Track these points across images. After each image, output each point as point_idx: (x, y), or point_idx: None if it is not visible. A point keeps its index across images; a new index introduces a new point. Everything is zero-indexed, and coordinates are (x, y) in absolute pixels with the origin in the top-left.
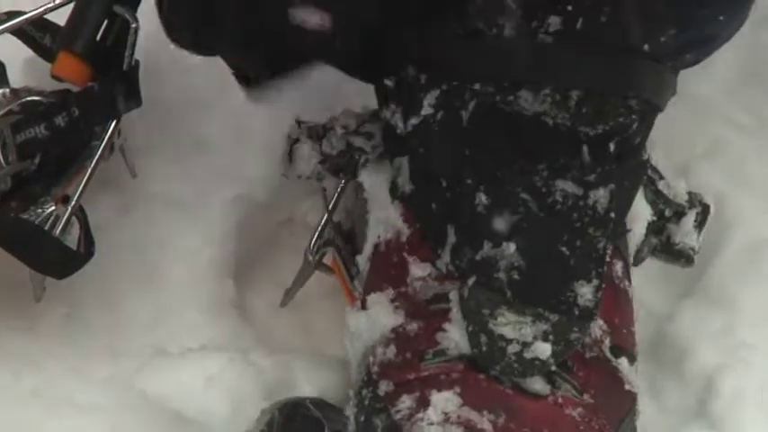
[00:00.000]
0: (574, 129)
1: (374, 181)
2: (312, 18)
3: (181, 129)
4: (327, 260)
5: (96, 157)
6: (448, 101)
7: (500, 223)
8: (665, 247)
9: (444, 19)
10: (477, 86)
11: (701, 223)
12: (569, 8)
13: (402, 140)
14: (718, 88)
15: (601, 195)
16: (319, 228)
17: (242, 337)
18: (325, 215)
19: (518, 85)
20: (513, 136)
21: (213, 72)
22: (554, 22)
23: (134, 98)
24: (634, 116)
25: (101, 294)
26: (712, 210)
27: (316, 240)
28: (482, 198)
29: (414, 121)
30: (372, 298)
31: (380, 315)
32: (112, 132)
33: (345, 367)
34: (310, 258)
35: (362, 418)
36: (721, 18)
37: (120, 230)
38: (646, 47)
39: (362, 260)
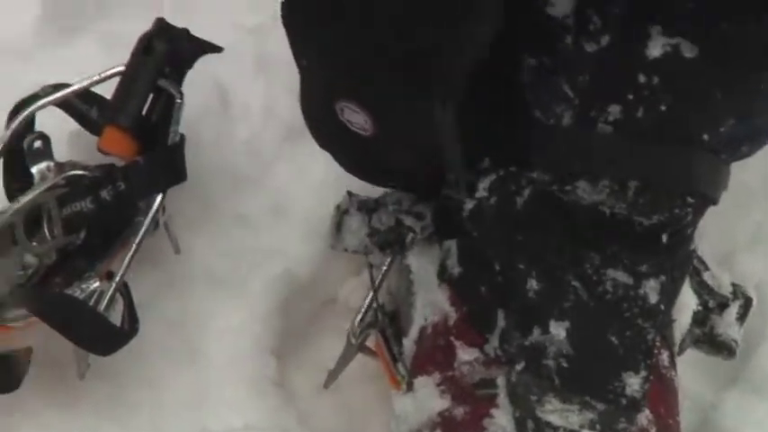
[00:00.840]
0: (629, 218)
1: (421, 263)
2: (356, 119)
3: (224, 205)
4: (370, 342)
5: (141, 232)
6: (504, 186)
7: (550, 310)
8: (707, 338)
9: (505, 107)
10: (534, 174)
11: (743, 316)
12: (629, 97)
13: (453, 223)
14: (759, 176)
15: (651, 286)
16: (363, 309)
17: (283, 417)
18: (370, 295)
19: (576, 175)
20: (567, 223)
21: (256, 148)
22: (614, 111)
23: (179, 173)
24: (689, 208)
25: (144, 371)
26: (755, 301)
27: (359, 322)
28: (533, 284)
29: (469, 204)
30: (419, 381)
31: (427, 399)
32: (157, 208)
33: None
34: (353, 340)
35: None
36: None
37: (164, 307)
38: (705, 137)
39: (408, 343)
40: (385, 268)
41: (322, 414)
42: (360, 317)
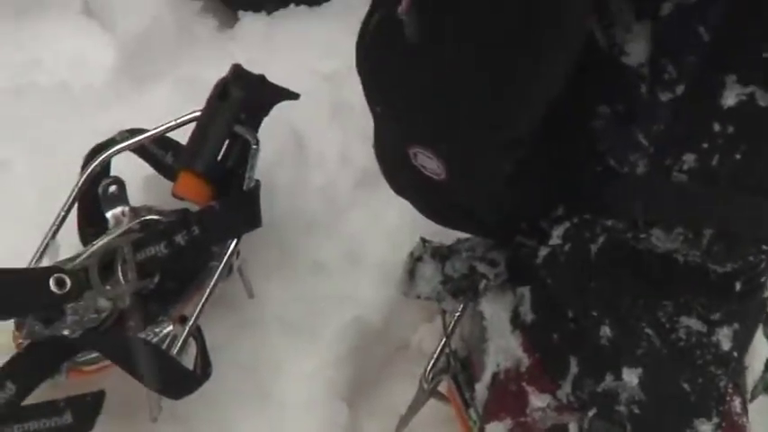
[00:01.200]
0: (703, 266)
1: (495, 309)
2: (429, 164)
3: (297, 251)
4: (442, 388)
5: (215, 277)
6: (578, 233)
7: (623, 356)
8: None
9: (580, 155)
10: (609, 222)
11: None
12: (704, 146)
13: (527, 270)
14: None
15: (724, 334)
16: (436, 354)
17: None
18: (443, 340)
19: (651, 224)
20: (640, 271)
21: (331, 195)
22: (688, 159)
23: (253, 219)
24: (763, 255)
25: (216, 415)
26: None
27: (432, 367)
28: (606, 331)
29: (543, 252)
30: (491, 427)
31: None
32: (231, 253)
33: None
34: (425, 386)
35: None
36: None
37: (237, 351)
38: None
39: (480, 388)
40: (458, 314)
41: None
42: (432, 362)
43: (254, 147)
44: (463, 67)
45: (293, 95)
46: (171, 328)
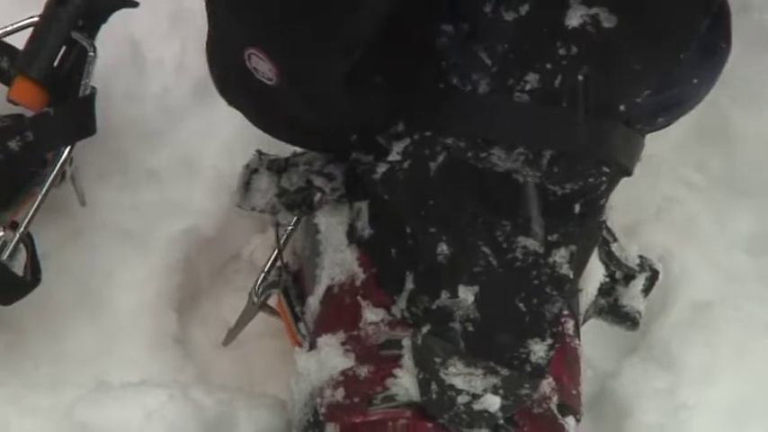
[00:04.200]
0: (543, 187)
1: (331, 223)
2: (262, 67)
3: (131, 159)
4: (273, 301)
5: (47, 183)
6: (418, 150)
7: (460, 274)
8: (611, 309)
9: (421, 72)
10: (449, 140)
11: (648, 288)
12: (547, 66)
13: (364, 185)
14: (669, 146)
15: (561, 255)
16: (266, 268)
17: (183, 373)
18: (274, 254)
19: (491, 143)
20: (480, 190)
21: (166, 104)
22: (531, 79)
23: (88, 126)
24: (603, 177)
25: (45, 323)
26: (661, 274)
27: (262, 281)
28: (444, 248)
29: (382, 168)
30: (323, 339)
31: (330, 357)
32: (65, 159)
33: (286, 408)
34: (255, 299)
35: None
36: (695, 81)
37: (67, 259)
38: (622, 107)
39: (313, 302)
40: (291, 228)
41: (222, 371)
42: (262, 276)
43: (91, 54)
44: None
45: (132, 3)
46: (1, 233)
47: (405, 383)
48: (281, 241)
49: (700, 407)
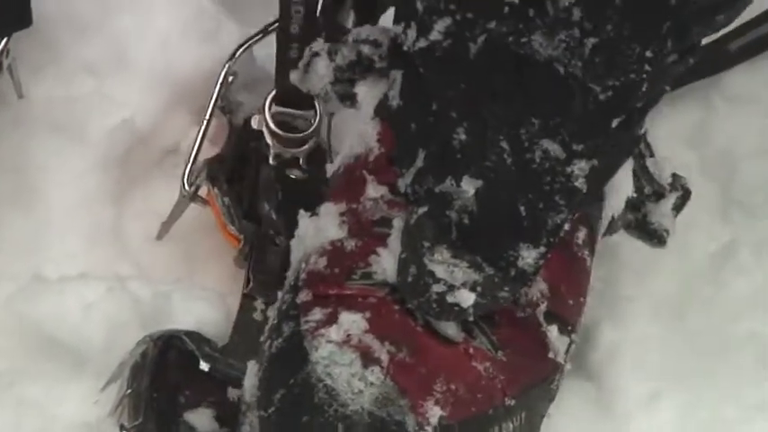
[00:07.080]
0: (584, 85)
1: (368, 93)
2: None
3: (67, 52)
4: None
5: None
6: (459, 30)
7: (468, 165)
8: (639, 224)
9: None
10: (491, 24)
11: (679, 207)
12: None
13: (404, 55)
14: None
15: (580, 167)
16: (192, 156)
17: (121, 266)
18: (198, 140)
19: (533, 28)
20: (518, 78)
21: None
22: None
23: (23, 18)
24: (645, 75)
25: None
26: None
27: (190, 172)
28: (461, 134)
29: (422, 43)
30: (325, 207)
31: (327, 225)
32: (1, 51)
33: (224, 300)
34: (185, 191)
35: (275, 321)
36: None
37: (2, 151)
38: (673, 1)
39: (332, 170)
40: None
41: (160, 264)
42: (190, 166)
43: None
44: None
45: None
46: None
47: (385, 263)
48: (199, 137)
49: (639, 299)
